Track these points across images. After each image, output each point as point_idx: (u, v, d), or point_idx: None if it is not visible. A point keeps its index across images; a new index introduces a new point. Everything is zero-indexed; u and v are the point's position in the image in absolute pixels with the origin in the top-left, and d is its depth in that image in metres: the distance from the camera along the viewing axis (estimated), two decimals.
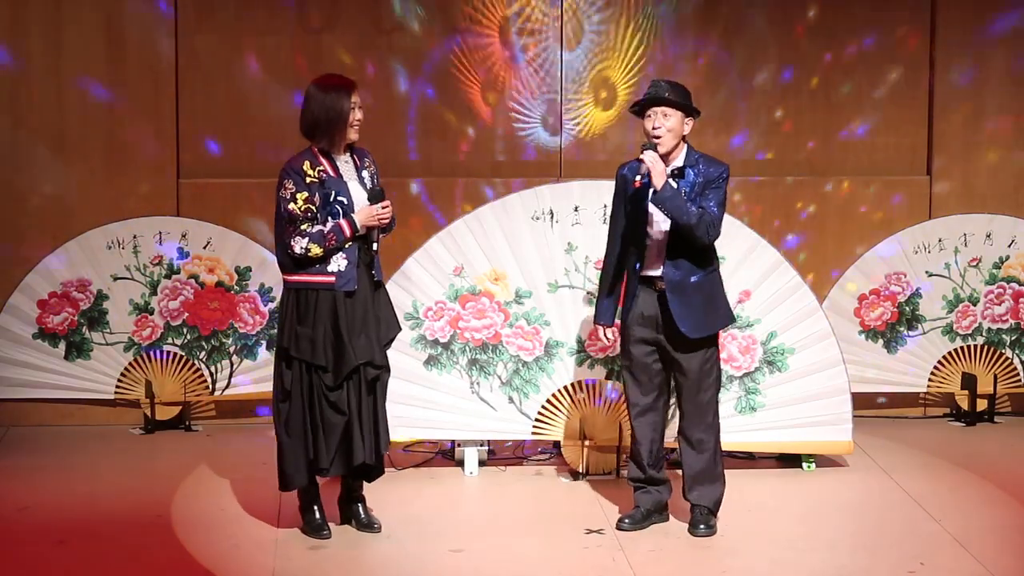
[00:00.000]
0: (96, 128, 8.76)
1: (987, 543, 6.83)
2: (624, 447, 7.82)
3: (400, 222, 7.14)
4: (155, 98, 8.77)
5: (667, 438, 7.11)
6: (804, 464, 8.02)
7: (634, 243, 6.83)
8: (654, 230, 6.80)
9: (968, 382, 8.98)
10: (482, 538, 6.93)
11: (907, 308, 8.94)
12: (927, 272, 8.94)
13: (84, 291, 8.69)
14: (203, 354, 8.76)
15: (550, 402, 7.93)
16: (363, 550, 6.77)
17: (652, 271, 6.83)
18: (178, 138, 8.83)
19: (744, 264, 7.87)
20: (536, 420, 7.93)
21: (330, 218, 6.69)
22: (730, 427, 7.67)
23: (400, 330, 7.03)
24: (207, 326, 8.75)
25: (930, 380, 9.00)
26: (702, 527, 6.93)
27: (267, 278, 8.69)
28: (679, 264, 6.76)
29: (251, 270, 8.75)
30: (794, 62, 9.03)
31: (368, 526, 6.94)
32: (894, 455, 8.26)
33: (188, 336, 8.75)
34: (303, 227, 6.67)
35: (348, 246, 6.71)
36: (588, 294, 7.87)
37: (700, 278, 6.79)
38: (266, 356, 8.65)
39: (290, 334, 6.74)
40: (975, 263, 8.97)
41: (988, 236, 8.96)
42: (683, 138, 6.79)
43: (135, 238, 8.71)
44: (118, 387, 8.75)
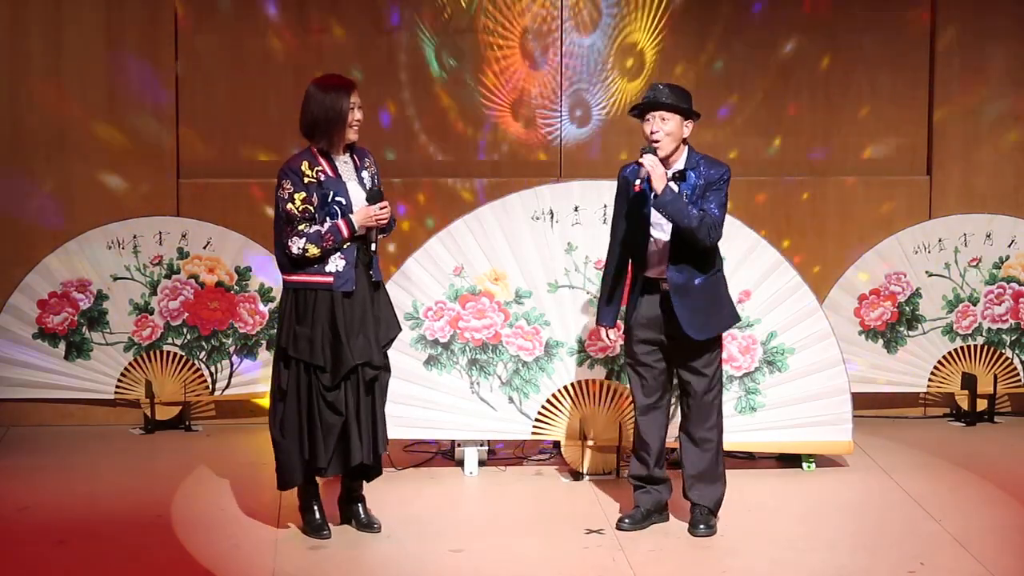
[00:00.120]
0: (96, 128, 8.75)
1: (987, 543, 6.83)
2: (624, 447, 7.82)
3: (399, 222, 7.14)
4: (155, 98, 8.77)
5: (668, 437, 7.11)
6: (804, 464, 8.02)
7: (637, 246, 6.83)
8: (656, 233, 6.79)
9: (968, 382, 8.98)
10: (482, 538, 6.93)
11: (907, 308, 8.93)
12: (927, 272, 8.94)
13: (84, 291, 8.69)
14: (203, 354, 8.77)
15: (550, 402, 7.93)
16: (363, 550, 6.77)
17: (655, 273, 6.83)
18: (178, 138, 8.83)
19: (744, 264, 7.87)
20: (536, 420, 7.93)
21: (328, 218, 6.69)
22: (730, 427, 7.66)
23: (400, 330, 7.02)
24: (207, 326, 8.75)
25: (930, 380, 9.00)
26: (702, 527, 6.93)
27: (267, 278, 8.69)
28: (682, 267, 6.76)
29: (251, 270, 8.75)
30: (794, 62, 9.03)
31: (368, 526, 6.94)
32: (894, 455, 8.26)
33: (188, 336, 8.75)
34: (301, 227, 6.66)
35: (346, 246, 6.71)
36: (589, 295, 7.88)
37: (704, 280, 6.79)
38: (266, 356, 8.65)
39: (288, 334, 6.74)
40: (975, 263, 8.97)
41: (988, 236, 8.96)
42: (683, 140, 6.79)
43: (135, 238, 8.71)
44: (118, 387, 8.75)
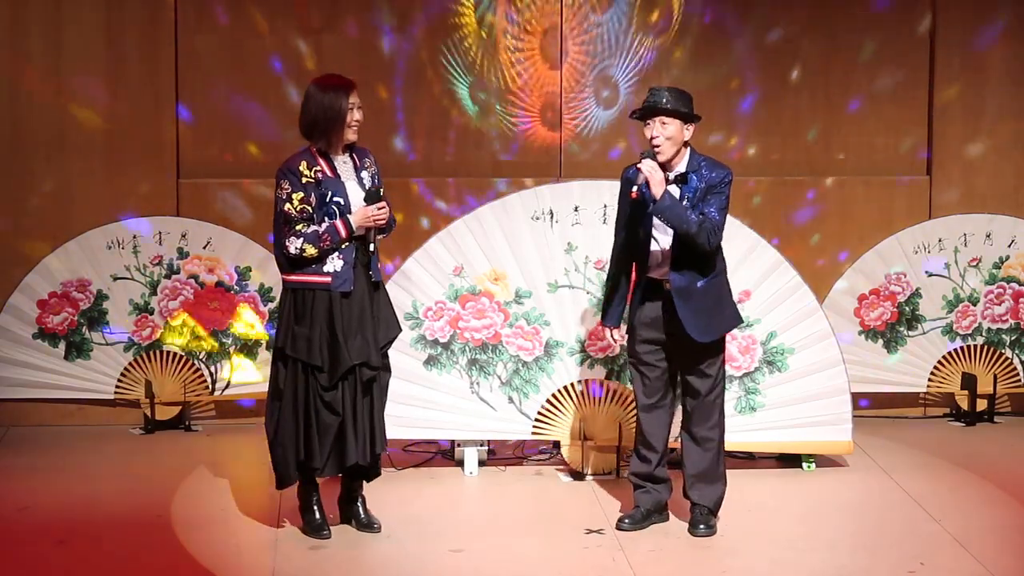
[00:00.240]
0: (96, 128, 8.75)
1: (987, 543, 6.83)
2: (625, 447, 7.82)
3: (399, 222, 7.14)
4: (155, 98, 8.77)
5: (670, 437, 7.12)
6: (804, 464, 8.02)
7: (639, 248, 6.83)
8: (658, 235, 6.79)
9: (968, 382, 8.98)
10: (482, 538, 6.93)
11: (907, 308, 8.93)
12: (927, 272, 8.94)
13: (84, 291, 8.69)
14: (203, 354, 8.76)
15: (550, 402, 7.93)
16: (363, 550, 6.77)
17: (658, 274, 6.83)
18: (178, 138, 8.82)
19: (744, 264, 7.86)
20: (536, 420, 7.93)
21: (326, 218, 6.68)
22: (730, 427, 7.64)
23: (400, 331, 7.02)
24: (207, 326, 8.75)
25: (930, 380, 8.99)
26: (702, 527, 6.93)
27: (267, 278, 8.68)
28: (684, 270, 6.75)
29: (251, 270, 8.75)
30: (794, 61, 9.02)
31: (368, 526, 6.94)
32: (894, 455, 8.26)
33: (188, 336, 8.74)
34: (298, 227, 6.66)
35: (345, 246, 6.71)
36: (589, 295, 7.87)
37: (706, 283, 6.78)
38: (266, 356, 8.65)
39: (287, 333, 6.74)
40: (975, 263, 8.97)
41: (988, 236, 8.96)
42: (685, 143, 6.78)
43: (135, 238, 8.71)
44: (118, 387, 8.75)
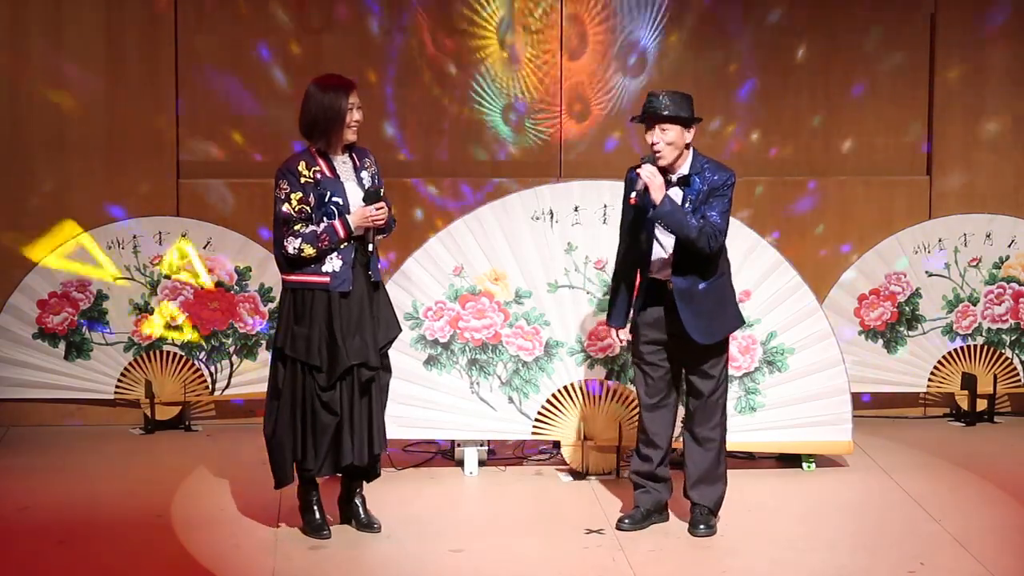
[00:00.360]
0: (96, 128, 8.75)
1: (987, 543, 6.83)
2: (625, 447, 7.82)
3: (399, 222, 7.13)
4: (155, 98, 8.77)
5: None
6: (804, 464, 8.01)
7: (641, 250, 6.83)
8: (660, 238, 6.78)
9: (968, 382, 8.98)
10: (482, 538, 6.93)
11: (907, 308, 8.93)
12: (927, 272, 8.94)
13: (84, 291, 8.69)
14: (203, 354, 8.76)
15: (550, 402, 7.93)
16: (363, 550, 6.77)
17: (661, 275, 6.83)
18: (178, 138, 8.82)
19: (744, 264, 7.86)
20: (536, 420, 7.93)
21: (325, 218, 6.68)
22: (730, 427, 7.62)
23: (400, 331, 7.02)
24: (207, 326, 8.75)
25: (930, 380, 8.99)
26: (702, 527, 6.93)
27: (267, 278, 8.68)
28: (686, 272, 6.75)
29: (251, 270, 8.75)
30: (794, 61, 9.02)
31: (368, 526, 6.94)
32: (894, 455, 8.26)
33: (188, 336, 8.74)
34: (297, 227, 6.66)
35: (344, 246, 6.70)
36: (589, 295, 7.88)
37: (708, 285, 6.77)
38: (266, 356, 8.65)
39: (286, 333, 6.74)
40: (975, 263, 8.97)
41: (988, 236, 8.96)
42: (687, 145, 6.77)
43: (135, 238, 8.71)
44: (118, 387, 8.75)
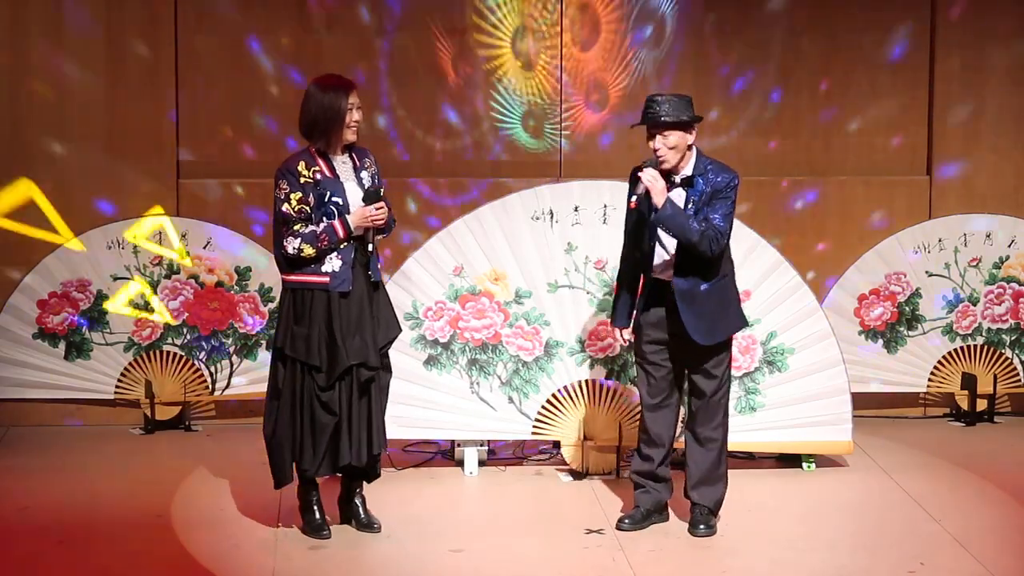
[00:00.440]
0: (96, 128, 8.75)
1: (987, 543, 6.83)
2: (625, 447, 7.82)
3: (399, 222, 7.14)
4: (155, 98, 8.77)
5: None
6: (804, 464, 8.01)
7: (644, 251, 6.83)
8: (663, 239, 6.78)
9: (968, 382, 8.98)
10: (482, 538, 6.93)
11: (907, 308, 8.93)
12: (927, 272, 8.94)
13: (84, 291, 8.69)
14: (203, 354, 8.76)
15: (550, 402, 7.93)
16: (363, 550, 6.77)
17: (663, 276, 6.83)
18: (178, 138, 8.82)
19: (744, 264, 7.85)
20: (536, 420, 7.93)
21: (325, 218, 6.68)
22: (730, 427, 7.62)
23: (400, 331, 7.02)
24: (207, 326, 8.75)
25: (930, 380, 8.99)
26: (702, 527, 6.93)
27: (267, 278, 8.68)
28: (688, 273, 6.75)
29: (251, 270, 8.75)
30: (794, 62, 9.02)
31: (368, 526, 6.94)
32: (894, 455, 8.25)
33: (188, 336, 8.74)
34: (296, 227, 6.66)
35: (344, 246, 6.70)
36: (589, 295, 7.88)
37: (710, 286, 6.77)
38: (266, 356, 8.65)
39: (286, 333, 6.74)
40: (975, 263, 8.97)
41: (988, 236, 8.96)
42: (690, 146, 6.77)
43: (135, 238, 8.71)
44: (118, 387, 8.75)
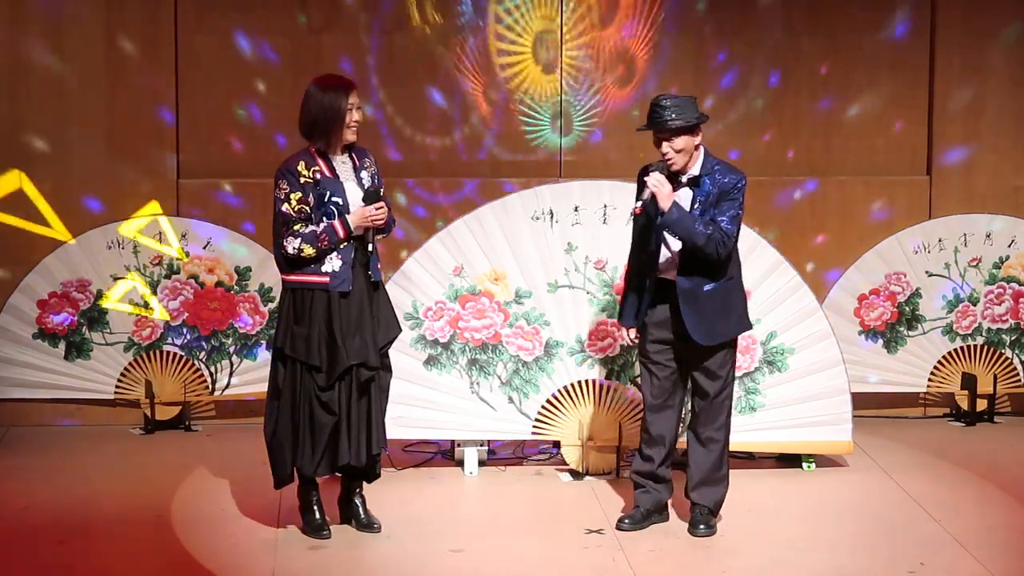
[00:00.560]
0: (96, 128, 8.75)
1: (987, 543, 6.83)
2: (625, 447, 7.82)
3: (398, 222, 7.14)
4: (155, 98, 8.77)
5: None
6: (804, 464, 8.01)
7: (650, 250, 6.84)
8: (669, 239, 6.78)
9: (968, 382, 8.98)
10: (482, 538, 6.93)
11: (907, 308, 8.93)
12: (927, 272, 8.94)
13: (84, 291, 8.69)
14: (203, 354, 8.76)
15: (550, 402, 7.93)
16: (363, 550, 6.77)
17: (669, 275, 6.84)
18: (178, 138, 8.82)
19: (744, 264, 7.79)
20: (536, 420, 7.93)
21: (325, 218, 6.68)
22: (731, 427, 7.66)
23: (400, 331, 7.02)
24: (207, 326, 8.75)
25: (930, 380, 8.99)
26: (702, 527, 6.93)
27: (267, 278, 8.68)
28: (692, 274, 6.76)
29: (251, 270, 8.75)
30: (794, 61, 9.02)
31: (368, 526, 6.94)
32: (894, 455, 8.25)
33: (188, 336, 8.74)
34: (296, 227, 6.66)
35: (343, 246, 6.70)
36: (589, 295, 7.88)
37: (714, 287, 6.77)
38: (266, 356, 8.65)
39: (286, 333, 6.74)
40: (975, 263, 8.97)
41: (988, 236, 8.96)
42: (697, 146, 6.77)
43: (135, 238, 8.70)
44: (118, 387, 8.75)
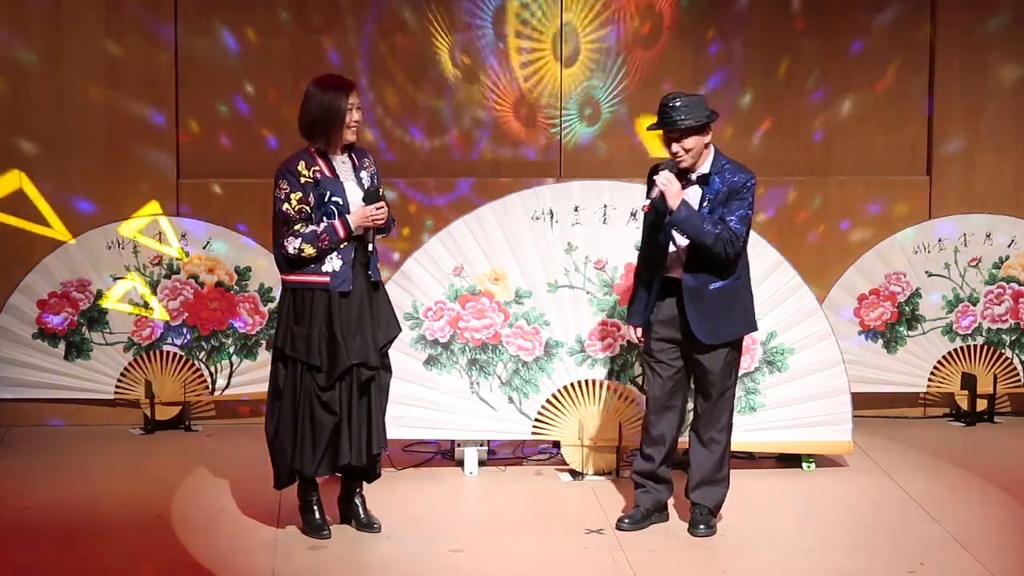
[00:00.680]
0: (96, 128, 8.75)
1: (987, 543, 6.83)
2: (624, 447, 7.82)
3: (397, 221, 7.13)
4: (155, 98, 8.77)
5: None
6: (804, 464, 8.01)
7: (658, 247, 6.85)
8: (676, 236, 6.79)
9: (968, 382, 8.98)
10: (482, 538, 6.93)
11: (907, 308, 8.93)
12: (927, 272, 8.94)
13: (84, 291, 8.69)
14: (203, 354, 8.76)
15: (550, 402, 7.93)
16: (363, 550, 6.77)
17: (676, 273, 6.84)
18: (178, 138, 8.82)
19: None
20: (536, 420, 7.93)
21: (325, 218, 6.68)
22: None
23: (400, 331, 7.02)
24: (207, 326, 8.75)
25: (930, 380, 8.99)
26: (702, 527, 6.93)
27: (267, 278, 8.68)
28: (698, 271, 6.76)
29: (251, 270, 8.75)
30: (794, 62, 9.02)
31: (368, 526, 6.94)
32: (894, 455, 8.25)
33: (188, 336, 8.74)
34: (297, 227, 6.67)
35: (344, 246, 6.71)
36: (589, 295, 7.88)
37: (721, 286, 6.78)
38: (266, 356, 8.64)
39: (286, 333, 6.74)
40: (975, 263, 8.97)
41: (988, 236, 8.96)
42: (707, 145, 6.77)
43: (135, 238, 8.70)
44: (118, 387, 8.75)
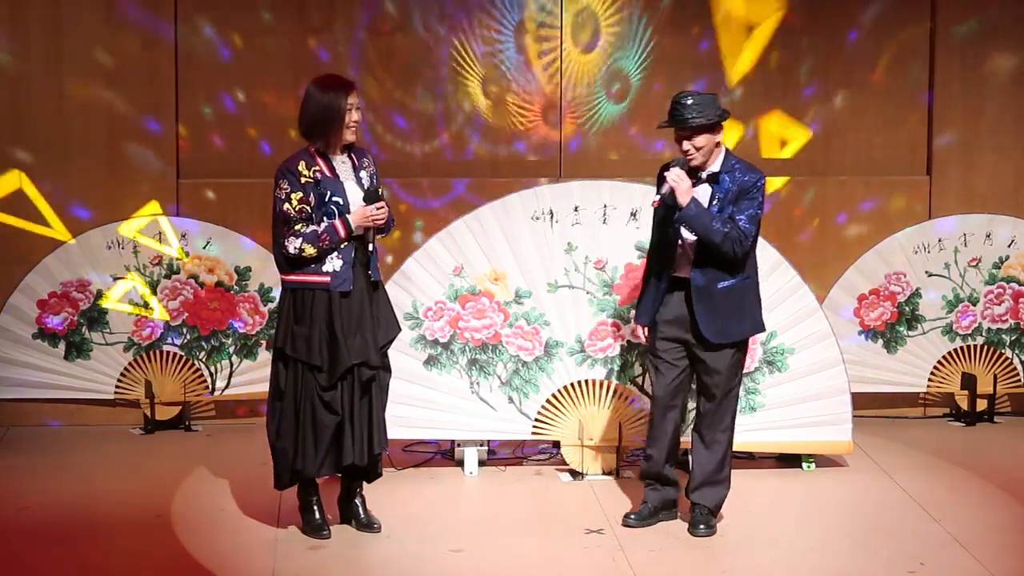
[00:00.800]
0: (96, 128, 8.75)
1: (987, 543, 6.83)
2: (624, 447, 7.82)
3: (399, 222, 7.14)
4: (155, 98, 8.77)
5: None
6: (804, 464, 8.02)
7: (666, 246, 6.85)
8: (685, 234, 6.80)
9: (968, 382, 8.98)
10: (482, 538, 6.93)
11: (907, 308, 8.93)
12: (927, 272, 8.94)
13: (84, 291, 8.69)
14: (203, 354, 8.76)
15: (550, 402, 7.93)
16: (363, 550, 6.77)
17: (683, 272, 6.85)
18: (178, 138, 8.82)
19: None
20: (536, 420, 7.93)
21: (325, 218, 6.68)
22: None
23: (400, 331, 7.02)
24: (207, 326, 8.75)
25: (930, 380, 8.99)
26: (702, 527, 6.94)
27: (267, 278, 8.68)
28: (706, 269, 6.77)
29: (251, 270, 8.75)
30: (793, 61, 9.02)
31: (368, 526, 6.94)
32: (894, 455, 8.26)
33: (188, 336, 8.74)
34: (297, 227, 6.67)
35: (344, 246, 6.71)
36: (589, 295, 7.88)
37: (729, 285, 6.78)
38: (266, 356, 8.65)
39: (287, 333, 6.74)
40: (975, 263, 8.97)
41: (988, 236, 8.96)
42: (718, 143, 6.78)
43: (135, 238, 8.70)
44: (118, 387, 8.75)
